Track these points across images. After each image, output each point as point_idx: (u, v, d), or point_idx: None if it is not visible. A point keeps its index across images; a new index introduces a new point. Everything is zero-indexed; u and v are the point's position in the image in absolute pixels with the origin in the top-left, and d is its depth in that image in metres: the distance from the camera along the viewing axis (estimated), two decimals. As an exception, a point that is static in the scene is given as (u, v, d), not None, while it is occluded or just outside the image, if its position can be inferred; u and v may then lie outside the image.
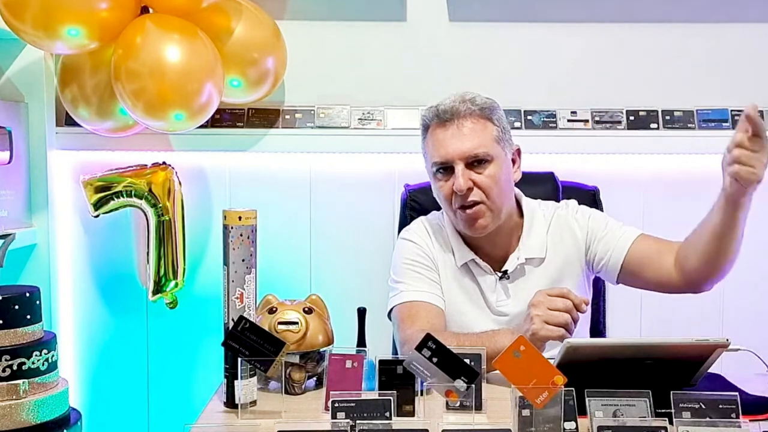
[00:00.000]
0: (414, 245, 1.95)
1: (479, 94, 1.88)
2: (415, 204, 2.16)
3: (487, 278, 1.91)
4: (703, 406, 1.30)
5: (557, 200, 2.09)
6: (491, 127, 1.85)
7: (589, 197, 2.14)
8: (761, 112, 2.42)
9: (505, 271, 1.89)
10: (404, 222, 2.14)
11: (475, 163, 1.82)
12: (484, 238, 1.90)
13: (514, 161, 1.91)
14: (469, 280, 1.92)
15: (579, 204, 2.00)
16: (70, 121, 2.35)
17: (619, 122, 2.43)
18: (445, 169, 1.85)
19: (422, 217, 2.03)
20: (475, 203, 1.82)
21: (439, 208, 2.04)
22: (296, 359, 1.58)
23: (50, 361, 1.65)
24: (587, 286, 1.97)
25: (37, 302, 1.66)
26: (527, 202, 1.96)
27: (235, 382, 1.49)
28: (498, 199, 1.84)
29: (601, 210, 2.13)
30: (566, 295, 1.63)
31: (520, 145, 1.94)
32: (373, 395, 1.37)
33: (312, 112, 2.44)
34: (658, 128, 2.42)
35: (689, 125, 2.43)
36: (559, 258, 1.91)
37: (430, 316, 1.85)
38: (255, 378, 1.52)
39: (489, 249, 1.92)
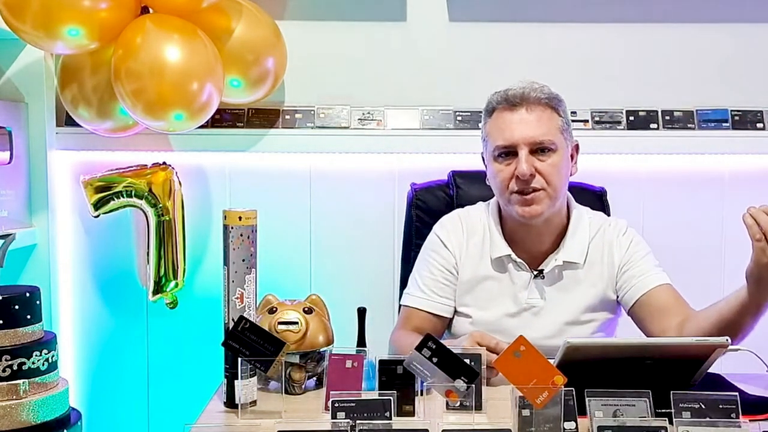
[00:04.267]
0: (439, 242, 1.95)
1: (546, 84, 1.88)
2: (421, 203, 2.16)
3: (522, 274, 1.89)
4: (703, 406, 1.30)
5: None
6: (557, 118, 1.85)
7: (596, 198, 2.14)
8: (761, 112, 2.45)
9: (541, 270, 1.88)
10: (410, 221, 2.15)
11: (539, 150, 1.82)
12: (527, 231, 1.88)
13: (572, 156, 1.90)
14: (502, 272, 1.91)
15: (597, 210, 2.00)
16: (70, 122, 2.35)
17: (619, 122, 2.43)
18: (507, 153, 1.84)
19: (461, 210, 2.01)
20: (535, 190, 1.81)
21: (445, 212, 2.04)
22: (296, 359, 1.58)
23: (50, 361, 1.65)
24: (613, 308, 1.93)
25: (37, 302, 1.66)
26: (576, 206, 1.95)
27: (235, 382, 1.49)
28: (557, 189, 1.83)
29: (606, 211, 2.13)
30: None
31: (578, 141, 1.93)
32: (373, 395, 1.37)
33: (312, 112, 2.44)
34: (658, 128, 2.42)
35: (689, 125, 2.43)
36: (595, 274, 1.89)
37: (422, 322, 1.90)
38: (255, 378, 1.52)
39: (529, 245, 1.90)
